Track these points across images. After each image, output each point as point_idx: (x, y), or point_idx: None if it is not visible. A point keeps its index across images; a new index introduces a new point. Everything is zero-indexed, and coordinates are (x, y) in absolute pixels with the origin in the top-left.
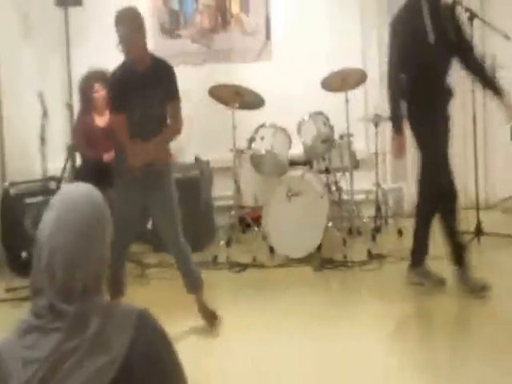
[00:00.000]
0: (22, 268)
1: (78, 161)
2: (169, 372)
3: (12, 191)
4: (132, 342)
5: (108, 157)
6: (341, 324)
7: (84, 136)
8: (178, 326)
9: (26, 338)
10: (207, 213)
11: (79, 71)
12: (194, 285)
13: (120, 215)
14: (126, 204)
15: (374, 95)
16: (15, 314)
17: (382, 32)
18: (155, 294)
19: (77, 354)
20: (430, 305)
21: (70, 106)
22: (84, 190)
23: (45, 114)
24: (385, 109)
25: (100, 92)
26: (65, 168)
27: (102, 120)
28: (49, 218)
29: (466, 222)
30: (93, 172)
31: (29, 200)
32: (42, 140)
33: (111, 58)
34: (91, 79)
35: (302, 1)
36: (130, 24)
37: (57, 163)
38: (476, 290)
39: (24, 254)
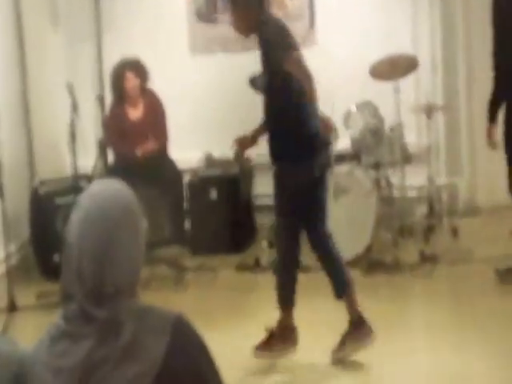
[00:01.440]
0: (53, 272)
1: (111, 157)
2: (207, 381)
3: (41, 190)
4: (168, 349)
5: (142, 150)
6: (389, 333)
7: (115, 130)
8: (217, 333)
9: (56, 345)
10: (248, 212)
11: (111, 61)
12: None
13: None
14: None
15: (426, 83)
16: (47, 321)
17: (434, 15)
18: (194, 300)
19: (109, 362)
20: (485, 310)
21: (101, 99)
22: (114, 187)
23: (74, 107)
24: (438, 97)
25: (133, 81)
26: (96, 165)
27: (135, 112)
28: (77, 218)
29: None
30: (125, 169)
31: (59, 200)
32: (72, 135)
33: (146, 46)
34: (123, 68)
35: None
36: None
37: (88, 160)
38: None
39: (56, 257)
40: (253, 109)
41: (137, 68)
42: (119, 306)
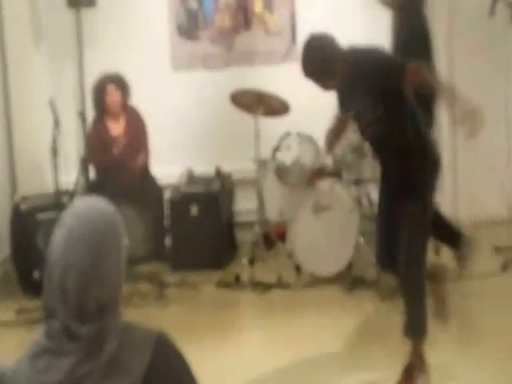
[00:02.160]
0: (34, 288)
1: (92, 173)
2: None
3: (23, 206)
4: (149, 366)
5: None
6: (374, 351)
7: (97, 145)
8: (198, 350)
9: (38, 361)
10: (228, 229)
11: (93, 77)
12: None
13: None
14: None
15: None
16: (27, 337)
17: None
18: (174, 316)
19: (91, 378)
20: (466, 326)
21: (83, 115)
22: (97, 204)
23: (56, 123)
24: None
25: (114, 95)
26: (78, 181)
27: (117, 127)
28: (60, 234)
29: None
30: (107, 185)
31: (41, 216)
32: (54, 151)
33: (127, 63)
34: (104, 82)
35: None
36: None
37: (70, 176)
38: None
39: (36, 274)
40: (233, 125)
41: (118, 82)
42: (102, 323)
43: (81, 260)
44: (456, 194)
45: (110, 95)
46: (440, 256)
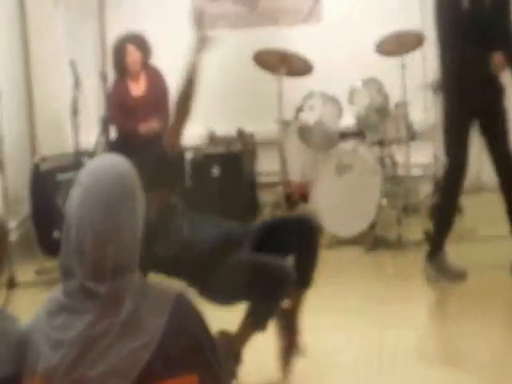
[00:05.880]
0: (53, 248)
1: (113, 134)
2: (206, 359)
3: (43, 167)
4: (167, 326)
5: (145, 127)
6: (393, 310)
7: (118, 106)
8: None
9: (55, 319)
10: (251, 190)
11: (114, 36)
12: None
13: None
14: None
15: (433, 59)
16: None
17: None
18: None
19: (108, 336)
20: (487, 288)
21: (104, 75)
22: (113, 162)
23: (77, 83)
24: None
25: (134, 55)
26: (98, 141)
27: (137, 88)
28: (76, 193)
29: None
30: (127, 145)
31: (61, 176)
32: (74, 111)
33: (149, 22)
34: (124, 41)
35: None
36: None
37: (90, 136)
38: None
39: (56, 234)
40: (256, 86)
41: (138, 42)
42: (119, 282)
43: (95, 218)
44: (480, 155)
45: (129, 55)
46: (463, 216)
